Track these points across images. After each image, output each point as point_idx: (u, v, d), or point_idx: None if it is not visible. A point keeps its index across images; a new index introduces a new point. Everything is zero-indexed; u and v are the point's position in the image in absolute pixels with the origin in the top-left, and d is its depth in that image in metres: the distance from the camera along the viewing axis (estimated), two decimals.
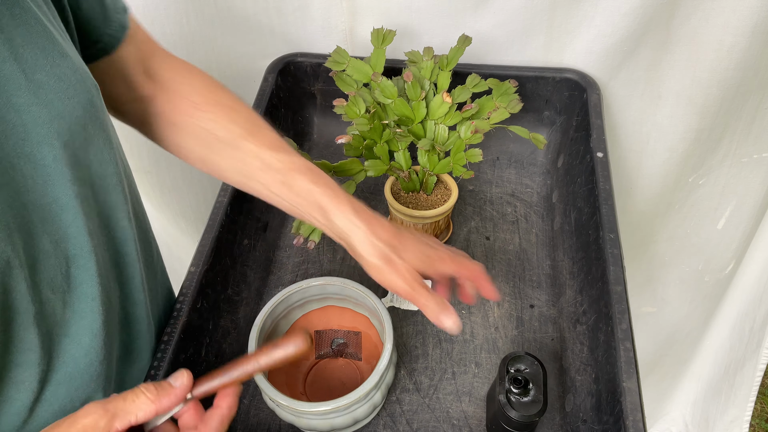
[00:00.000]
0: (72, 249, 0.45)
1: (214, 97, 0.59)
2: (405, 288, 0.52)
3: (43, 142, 0.41)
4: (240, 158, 0.57)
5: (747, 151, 0.94)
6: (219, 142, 0.57)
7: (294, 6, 0.88)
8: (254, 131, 0.57)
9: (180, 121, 0.59)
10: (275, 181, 0.55)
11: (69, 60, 0.43)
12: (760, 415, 1.65)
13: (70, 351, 0.47)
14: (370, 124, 0.75)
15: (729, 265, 1.11)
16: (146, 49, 0.60)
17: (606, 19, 0.81)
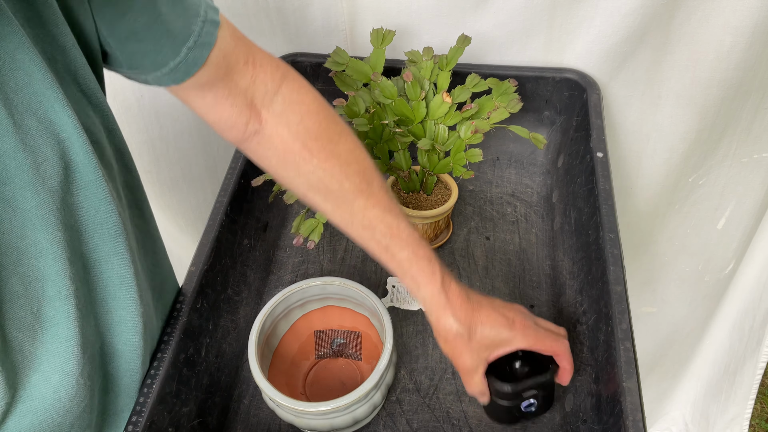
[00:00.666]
0: (48, 290, 0.45)
1: (331, 146, 0.58)
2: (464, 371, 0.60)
3: (27, 188, 0.41)
4: (348, 211, 0.58)
5: (747, 151, 0.94)
6: (329, 192, 0.58)
7: (294, 6, 0.88)
8: (366, 190, 0.58)
9: (290, 162, 0.58)
10: (377, 244, 0.58)
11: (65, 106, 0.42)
12: (760, 415, 1.65)
13: (38, 387, 0.47)
14: (370, 124, 0.75)
15: (729, 264, 1.11)
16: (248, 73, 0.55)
17: (606, 19, 0.81)
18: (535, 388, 0.61)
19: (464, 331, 0.57)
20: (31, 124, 0.41)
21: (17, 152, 0.40)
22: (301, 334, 0.73)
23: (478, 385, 0.60)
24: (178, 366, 0.63)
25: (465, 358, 0.58)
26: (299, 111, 0.57)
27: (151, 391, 0.58)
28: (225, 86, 0.54)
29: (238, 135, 0.57)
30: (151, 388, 0.59)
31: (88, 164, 0.45)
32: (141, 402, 0.58)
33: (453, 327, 0.57)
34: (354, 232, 0.59)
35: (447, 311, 0.57)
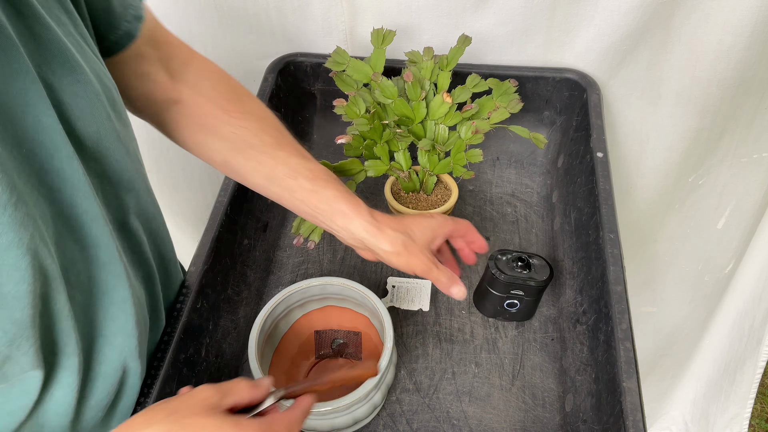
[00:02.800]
0: (102, 255, 0.47)
1: (244, 105, 0.62)
2: (422, 266, 0.61)
3: (72, 157, 0.43)
4: (269, 164, 0.61)
5: (747, 150, 0.94)
6: (250, 148, 0.61)
7: (294, 6, 0.88)
8: (283, 142, 0.62)
9: (210, 124, 0.61)
10: (302, 188, 0.60)
11: (86, 75, 0.44)
12: (760, 415, 1.65)
13: (104, 351, 0.50)
14: (370, 124, 0.75)
15: (729, 264, 1.11)
16: (168, 49, 0.60)
17: (606, 18, 0.81)
18: (522, 290, 0.71)
19: (407, 237, 0.61)
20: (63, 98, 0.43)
21: (57, 125, 0.42)
22: (301, 334, 0.73)
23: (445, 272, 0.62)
24: (178, 366, 0.63)
25: (417, 257, 0.61)
26: (210, 77, 0.63)
27: (152, 391, 0.58)
28: (148, 62, 0.58)
29: (159, 107, 0.61)
30: (152, 388, 0.59)
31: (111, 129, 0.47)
32: (141, 402, 0.58)
33: (398, 237, 0.60)
34: (279, 184, 0.61)
35: (384, 229, 0.60)
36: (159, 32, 0.60)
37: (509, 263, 0.70)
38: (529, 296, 0.72)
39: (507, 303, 0.72)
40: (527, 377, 0.72)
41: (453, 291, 0.63)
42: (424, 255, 0.61)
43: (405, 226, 0.62)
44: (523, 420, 0.69)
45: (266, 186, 0.62)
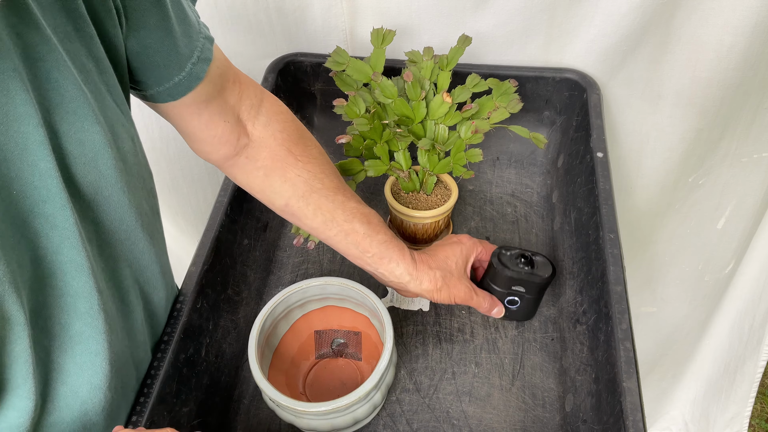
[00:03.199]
0: (81, 306, 0.46)
1: (308, 149, 0.64)
2: (463, 296, 0.67)
3: (65, 206, 0.42)
4: (329, 208, 0.64)
5: (747, 150, 0.94)
6: (312, 192, 0.63)
7: (294, 6, 0.88)
8: (341, 186, 0.65)
9: (277, 168, 0.62)
10: (357, 233, 0.64)
11: (95, 125, 0.44)
12: (760, 415, 1.65)
13: (66, 400, 0.48)
14: (370, 124, 0.75)
15: (729, 264, 1.11)
16: (239, 90, 0.59)
17: (606, 18, 0.81)
18: (524, 287, 0.70)
19: (444, 271, 0.66)
20: (66, 146, 0.42)
21: (55, 171, 0.41)
22: (301, 334, 0.73)
23: (486, 297, 0.69)
24: (178, 366, 0.63)
25: (459, 289, 0.66)
26: (281, 120, 0.63)
27: (152, 391, 0.58)
28: (218, 103, 0.57)
29: (230, 150, 0.61)
30: (152, 388, 0.59)
31: (115, 180, 0.47)
32: (141, 402, 0.58)
33: (436, 274, 0.65)
34: (336, 228, 0.64)
35: (423, 269, 0.65)
36: (229, 72, 0.59)
37: (512, 259, 0.70)
38: (530, 293, 0.72)
39: (508, 300, 0.72)
40: (527, 377, 0.72)
41: (494, 313, 0.70)
42: (462, 284, 0.67)
43: (440, 261, 0.67)
44: (523, 420, 0.69)
45: (323, 229, 0.65)
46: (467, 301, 0.67)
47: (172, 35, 0.50)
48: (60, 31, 0.42)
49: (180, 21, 0.51)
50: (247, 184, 0.65)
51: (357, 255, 0.65)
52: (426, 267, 0.65)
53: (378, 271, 0.66)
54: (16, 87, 0.38)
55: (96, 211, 0.47)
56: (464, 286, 0.67)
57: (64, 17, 0.42)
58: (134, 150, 0.50)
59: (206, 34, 0.55)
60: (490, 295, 0.70)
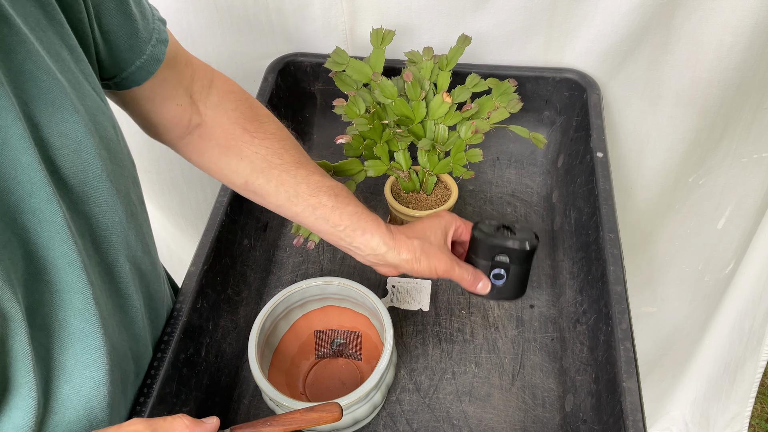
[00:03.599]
0: (77, 302, 0.46)
1: (264, 125, 0.63)
2: (444, 266, 0.62)
3: (51, 199, 0.42)
4: (291, 183, 0.61)
5: (747, 150, 0.94)
6: (271, 168, 0.61)
7: (294, 6, 0.88)
8: (303, 160, 0.63)
9: (233, 146, 0.61)
10: (324, 206, 0.61)
11: (76, 114, 0.43)
12: (760, 415, 1.65)
13: (70, 398, 0.48)
14: (370, 124, 0.75)
15: (729, 264, 1.11)
16: (190, 71, 0.60)
17: (606, 19, 0.81)
18: (507, 255, 0.65)
19: (423, 241, 0.62)
20: (47, 137, 0.42)
21: (38, 164, 0.41)
22: (301, 334, 0.73)
23: (468, 269, 0.64)
24: (178, 366, 0.63)
25: (439, 259, 0.62)
26: (233, 99, 0.62)
27: (152, 391, 0.58)
28: (172, 86, 0.58)
29: (182, 131, 0.61)
30: (152, 388, 0.59)
31: (101, 170, 0.46)
32: (141, 402, 0.58)
33: (414, 243, 0.62)
34: (301, 203, 0.61)
35: (400, 238, 0.62)
36: (180, 54, 0.59)
37: (492, 228, 0.66)
38: (515, 263, 0.66)
39: (494, 274, 0.67)
40: (527, 377, 0.72)
41: (478, 288, 0.65)
42: (443, 254, 0.62)
43: (418, 231, 0.63)
44: (523, 420, 0.69)
45: (288, 206, 0.62)
46: (449, 273, 0.63)
47: (132, 18, 0.51)
48: (31, 20, 0.41)
49: (136, 3, 0.51)
50: (202, 163, 0.64)
51: (329, 230, 0.62)
52: (404, 237, 0.62)
53: (353, 246, 0.62)
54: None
55: (86, 204, 0.46)
56: (445, 256, 0.63)
57: (33, 6, 0.41)
58: (116, 138, 0.49)
59: (158, 16, 0.55)
60: (474, 267, 0.65)
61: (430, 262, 0.62)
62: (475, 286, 0.64)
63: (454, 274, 0.63)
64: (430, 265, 0.62)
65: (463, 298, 0.80)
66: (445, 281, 0.82)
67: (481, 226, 0.66)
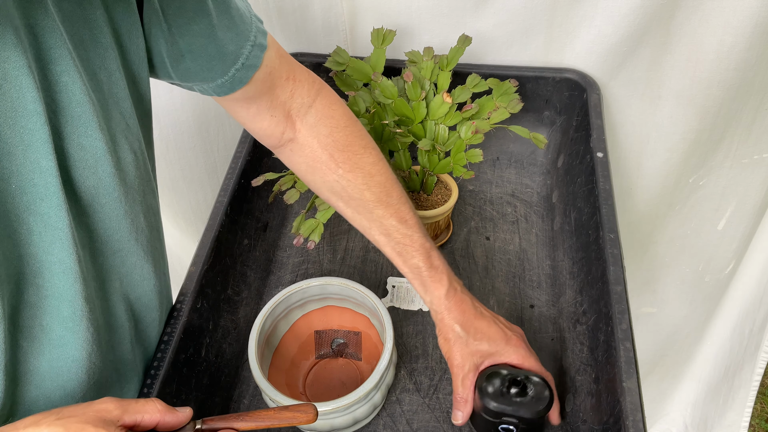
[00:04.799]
0: (65, 310, 0.46)
1: (356, 158, 0.63)
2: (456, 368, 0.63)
3: (61, 206, 0.42)
4: (367, 217, 0.64)
5: (747, 151, 0.94)
6: (351, 199, 0.63)
7: (294, 6, 0.88)
8: (385, 201, 0.63)
9: (318, 168, 0.63)
10: (392, 250, 0.64)
11: (100, 133, 0.44)
12: (760, 415, 1.65)
13: (37, 404, 0.47)
14: (370, 124, 0.75)
15: (729, 265, 1.11)
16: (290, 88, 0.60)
17: (606, 19, 0.81)
18: (516, 418, 0.61)
19: (463, 335, 0.63)
20: (68, 147, 0.43)
21: (55, 171, 0.42)
22: (301, 334, 0.73)
23: (465, 389, 0.63)
24: (178, 366, 0.63)
25: (459, 360, 0.63)
26: (329, 124, 0.63)
27: (152, 391, 0.58)
28: (267, 99, 0.59)
29: (274, 142, 0.63)
30: (151, 388, 0.59)
31: (112, 188, 0.47)
32: None
33: (453, 328, 0.63)
34: (371, 237, 0.65)
35: (450, 313, 0.63)
36: (282, 69, 0.59)
37: (501, 386, 0.61)
38: (524, 424, 0.62)
39: (501, 427, 0.63)
40: None
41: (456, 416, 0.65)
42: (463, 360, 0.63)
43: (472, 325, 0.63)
44: None
45: (362, 232, 0.66)
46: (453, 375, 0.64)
47: (216, 42, 0.51)
48: (76, 38, 0.42)
49: (226, 27, 0.51)
50: (295, 171, 0.66)
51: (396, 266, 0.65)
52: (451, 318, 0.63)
53: None
54: (28, 84, 0.39)
55: (91, 217, 0.47)
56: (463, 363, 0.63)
57: (82, 25, 0.43)
58: (136, 163, 0.50)
59: (257, 42, 0.54)
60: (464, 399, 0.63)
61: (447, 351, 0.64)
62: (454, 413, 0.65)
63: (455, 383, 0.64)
64: (445, 353, 0.64)
65: None
66: None
67: (486, 386, 0.61)
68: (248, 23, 0.54)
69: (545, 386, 0.61)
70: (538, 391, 0.61)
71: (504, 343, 0.64)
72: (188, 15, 0.49)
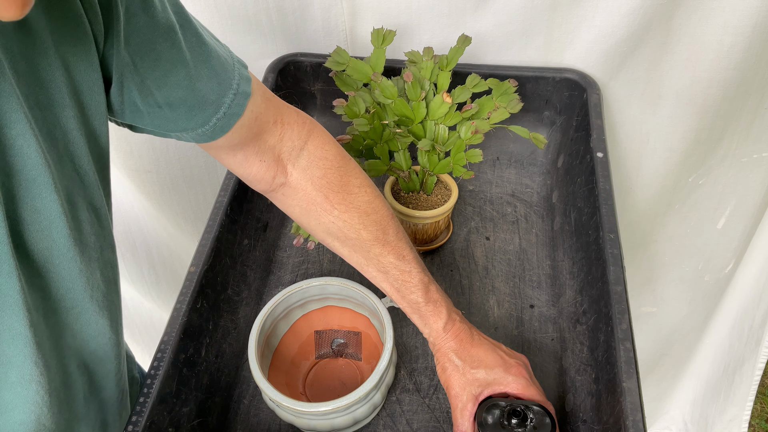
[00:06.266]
0: (12, 376, 0.44)
1: (351, 197, 0.62)
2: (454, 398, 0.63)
3: (12, 274, 0.41)
4: (364, 256, 0.64)
5: (747, 150, 0.94)
6: (347, 239, 0.63)
7: (294, 6, 0.88)
8: (382, 239, 0.63)
9: (312, 211, 0.62)
10: (390, 286, 0.64)
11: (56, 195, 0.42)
12: (759, 415, 1.65)
13: None
14: (370, 124, 0.75)
15: (729, 264, 1.11)
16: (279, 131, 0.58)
17: (606, 19, 0.81)
18: None
19: (460, 364, 0.62)
20: (21, 211, 0.41)
21: (6, 238, 0.40)
22: (301, 334, 0.73)
23: (464, 419, 0.62)
24: (178, 366, 0.63)
25: (457, 390, 0.62)
26: (323, 166, 0.61)
27: (151, 391, 0.58)
28: (254, 144, 0.57)
29: (266, 187, 0.61)
30: (151, 388, 0.59)
31: (67, 249, 0.45)
32: (141, 402, 0.58)
33: (450, 358, 0.63)
34: (368, 274, 0.65)
35: (447, 345, 0.63)
36: (269, 114, 0.57)
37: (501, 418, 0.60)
38: None
39: None
40: None
41: None
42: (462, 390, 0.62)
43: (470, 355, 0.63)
44: None
45: (359, 270, 0.66)
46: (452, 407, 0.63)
47: (195, 93, 0.49)
48: (32, 99, 0.41)
49: (206, 77, 0.50)
50: (286, 212, 0.66)
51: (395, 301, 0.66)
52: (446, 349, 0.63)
53: None
54: None
55: (44, 278, 0.45)
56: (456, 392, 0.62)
57: (38, 86, 0.41)
58: (91, 220, 0.48)
59: (240, 90, 0.53)
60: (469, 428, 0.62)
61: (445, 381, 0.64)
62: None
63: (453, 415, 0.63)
64: (444, 383, 0.64)
65: (464, 298, 0.80)
66: (445, 279, 0.82)
67: (486, 417, 0.60)
68: (230, 71, 0.52)
69: (545, 414, 0.60)
70: (538, 420, 0.59)
71: (503, 371, 0.62)
72: (164, 67, 0.47)
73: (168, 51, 0.47)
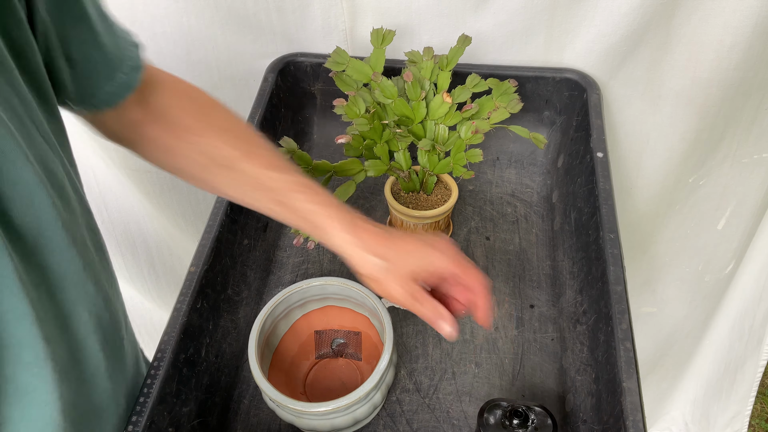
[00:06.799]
0: (26, 356, 0.44)
1: (208, 119, 0.59)
2: (400, 298, 0.56)
3: (2, 253, 0.40)
4: (236, 178, 0.58)
5: (747, 151, 0.94)
6: (215, 165, 0.58)
7: (294, 6, 0.88)
8: (250, 152, 0.58)
9: (174, 146, 0.59)
10: (271, 199, 0.58)
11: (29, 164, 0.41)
12: (760, 415, 1.65)
13: None
14: (370, 124, 0.75)
15: (729, 265, 1.11)
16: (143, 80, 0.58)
17: (606, 19, 0.81)
18: None
19: (385, 264, 0.55)
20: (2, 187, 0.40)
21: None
22: (301, 334, 0.73)
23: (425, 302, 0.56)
24: (178, 366, 0.63)
25: (394, 289, 0.56)
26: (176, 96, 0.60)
27: (151, 391, 0.58)
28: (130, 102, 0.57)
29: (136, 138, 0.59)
30: (151, 388, 0.59)
31: (54, 219, 0.44)
32: (141, 402, 0.58)
33: (373, 262, 0.56)
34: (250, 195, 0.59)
35: (362, 250, 0.56)
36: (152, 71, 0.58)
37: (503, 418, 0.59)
38: None
39: None
40: (527, 377, 0.72)
41: (442, 328, 0.56)
42: (401, 287, 0.56)
43: (390, 248, 0.56)
44: None
45: (242, 199, 0.60)
46: (406, 307, 0.56)
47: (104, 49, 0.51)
48: None
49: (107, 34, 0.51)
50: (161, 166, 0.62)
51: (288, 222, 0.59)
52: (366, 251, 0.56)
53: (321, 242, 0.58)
54: None
55: (41, 255, 0.44)
56: (402, 288, 0.55)
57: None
58: (69, 185, 0.48)
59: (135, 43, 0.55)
60: (437, 305, 0.56)
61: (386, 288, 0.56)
62: (435, 323, 0.56)
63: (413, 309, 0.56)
64: (385, 291, 0.57)
65: None
66: None
67: (488, 417, 0.60)
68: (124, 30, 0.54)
69: (547, 415, 0.60)
70: (540, 421, 0.59)
71: (431, 249, 0.56)
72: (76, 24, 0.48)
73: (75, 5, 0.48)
